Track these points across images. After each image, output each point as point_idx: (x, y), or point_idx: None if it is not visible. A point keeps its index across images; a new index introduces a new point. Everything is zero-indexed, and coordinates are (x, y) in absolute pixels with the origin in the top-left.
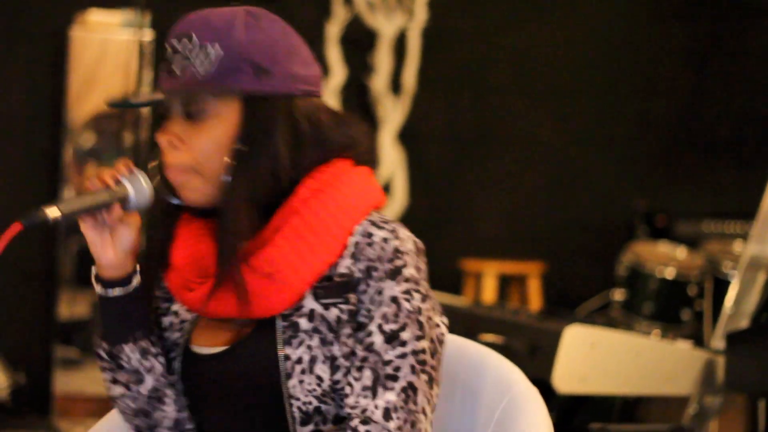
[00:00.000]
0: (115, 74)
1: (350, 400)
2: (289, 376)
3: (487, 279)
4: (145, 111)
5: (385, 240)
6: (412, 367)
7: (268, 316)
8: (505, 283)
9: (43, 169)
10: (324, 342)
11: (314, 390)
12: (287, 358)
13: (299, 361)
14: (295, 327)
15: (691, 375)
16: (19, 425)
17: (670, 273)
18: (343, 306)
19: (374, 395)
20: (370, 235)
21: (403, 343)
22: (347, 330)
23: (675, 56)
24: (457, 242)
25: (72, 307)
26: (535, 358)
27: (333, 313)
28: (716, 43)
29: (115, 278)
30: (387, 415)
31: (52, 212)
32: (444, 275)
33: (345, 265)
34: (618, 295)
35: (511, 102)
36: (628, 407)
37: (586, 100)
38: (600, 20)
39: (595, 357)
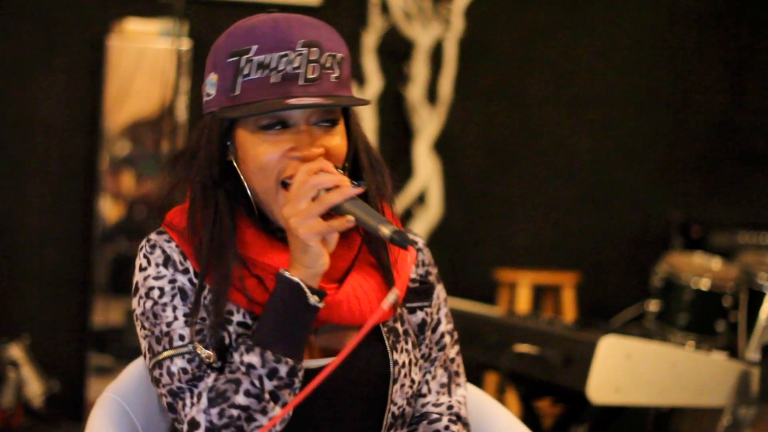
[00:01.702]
0: (151, 83)
1: (430, 399)
2: (395, 381)
3: (522, 289)
4: (182, 120)
5: (425, 246)
6: (462, 361)
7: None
8: (540, 293)
9: (79, 176)
10: (414, 345)
11: (407, 393)
12: (395, 363)
13: (403, 365)
14: (395, 332)
15: (726, 386)
16: None
17: (705, 284)
18: (427, 309)
19: (450, 392)
20: (415, 243)
21: (456, 341)
22: (428, 332)
23: (711, 67)
24: (492, 252)
25: (106, 314)
26: (569, 369)
27: (418, 317)
28: (753, 54)
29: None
30: (465, 409)
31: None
32: (478, 285)
33: (413, 271)
34: (653, 305)
35: (547, 112)
36: (662, 418)
37: (621, 110)
38: (636, 30)
39: (629, 368)
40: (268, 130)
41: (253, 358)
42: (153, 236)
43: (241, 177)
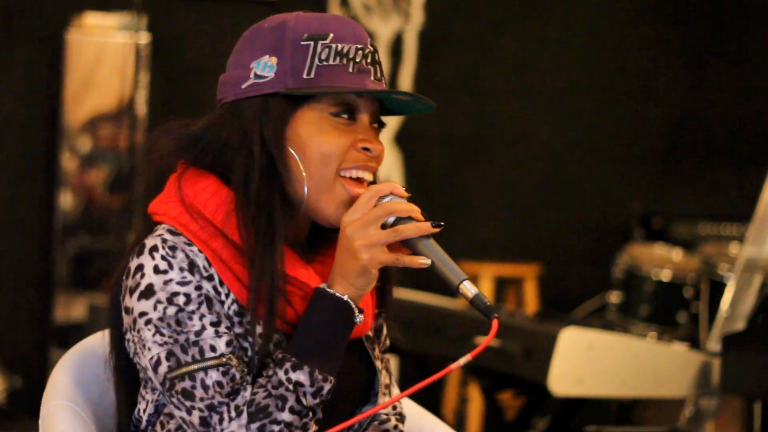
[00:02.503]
0: (111, 77)
1: (379, 399)
2: (377, 388)
3: (484, 281)
4: (142, 113)
5: None
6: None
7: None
8: (502, 285)
9: (40, 171)
10: (379, 351)
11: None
12: (378, 371)
13: (380, 371)
14: (370, 340)
15: (687, 377)
16: (15, 428)
17: (666, 275)
18: (383, 314)
19: (390, 393)
20: None
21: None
22: (383, 337)
23: (672, 59)
24: (454, 244)
25: (68, 310)
26: (530, 361)
27: (378, 323)
28: (713, 46)
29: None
30: (402, 407)
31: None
32: (440, 278)
33: None
34: (614, 297)
35: (508, 104)
36: (624, 410)
37: (582, 102)
38: (597, 23)
39: (590, 359)
40: (338, 118)
41: (300, 377)
42: (168, 237)
43: (300, 165)
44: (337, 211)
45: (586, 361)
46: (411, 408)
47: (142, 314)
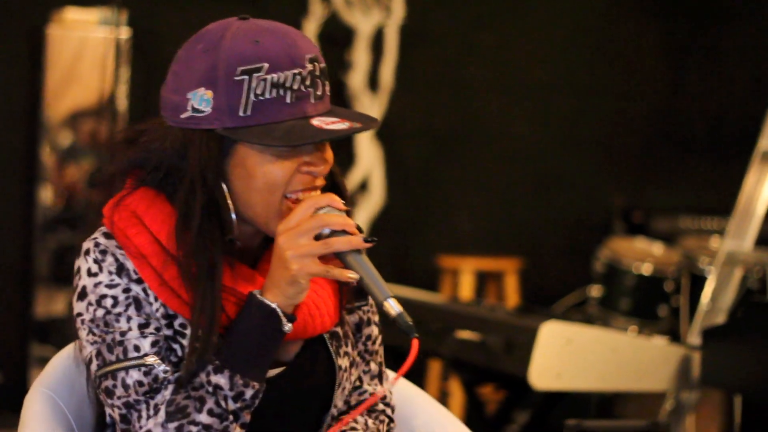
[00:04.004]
0: (92, 72)
1: (367, 389)
2: (339, 385)
3: (465, 275)
4: (122, 108)
5: None
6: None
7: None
8: (483, 279)
9: (20, 166)
10: (353, 346)
11: (347, 394)
12: (340, 368)
13: (345, 369)
14: (337, 337)
15: (668, 371)
16: None
17: (646, 269)
18: (365, 308)
19: (381, 381)
20: None
21: (380, 330)
22: (367, 330)
23: (652, 54)
24: (435, 239)
25: (48, 305)
26: (511, 355)
27: (356, 317)
28: (693, 42)
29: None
30: (393, 399)
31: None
32: (421, 272)
33: None
34: (595, 291)
35: (489, 99)
36: (605, 403)
37: (563, 97)
38: (577, 18)
39: (571, 353)
40: (280, 147)
41: (221, 380)
42: (102, 240)
43: (243, 196)
44: None
45: (566, 355)
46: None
47: (79, 314)
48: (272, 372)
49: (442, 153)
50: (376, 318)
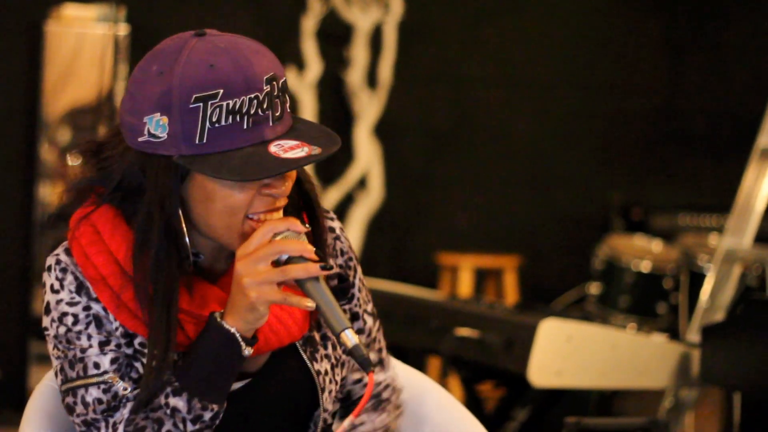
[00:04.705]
0: (90, 68)
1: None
2: (323, 390)
3: (463, 273)
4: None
5: (341, 229)
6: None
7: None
8: (481, 276)
9: (19, 163)
10: (334, 347)
11: (336, 395)
12: (319, 373)
13: (326, 372)
14: (311, 342)
15: (667, 368)
16: None
17: (645, 266)
18: (345, 306)
19: (384, 368)
20: (332, 229)
21: (376, 317)
22: (356, 325)
23: (651, 50)
24: (434, 236)
25: None
26: (510, 352)
27: (341, 285)
28: (692, 38)
29: (251, 337)
30: (399, 381)
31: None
32: (420, 269)
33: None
34: (594, 288)
35: (488, 96)
36: (604, 401)
37: (562, 93)
38: (576, 14)
39: (570, 351)
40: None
41: (179, 403)
42: (63, 257)
43: (202, 220)
44: None
45: (565, 352)
46: (407, 372)
47: (45, 328)
48: (237, 385)
49: (441, 150)
50: (369, 307)
